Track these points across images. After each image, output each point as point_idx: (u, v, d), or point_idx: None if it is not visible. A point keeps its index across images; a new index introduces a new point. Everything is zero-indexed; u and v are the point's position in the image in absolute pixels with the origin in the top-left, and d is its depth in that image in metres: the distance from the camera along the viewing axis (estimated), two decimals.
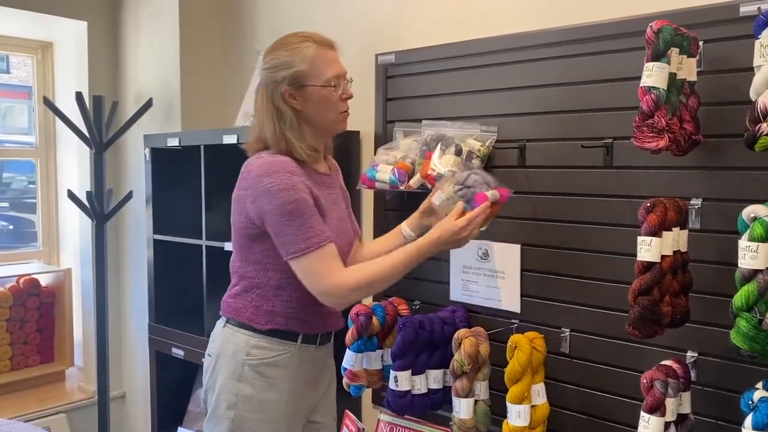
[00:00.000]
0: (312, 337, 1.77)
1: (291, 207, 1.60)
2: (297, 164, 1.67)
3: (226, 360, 1.73)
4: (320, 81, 1.68)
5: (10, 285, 3.34)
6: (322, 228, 1.64)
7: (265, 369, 1.71)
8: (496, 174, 1.95)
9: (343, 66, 1.73)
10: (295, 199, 1.60)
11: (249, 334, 1.72)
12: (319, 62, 1.68)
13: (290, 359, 1.73)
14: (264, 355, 1.71)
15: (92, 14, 3.19)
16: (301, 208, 1.61)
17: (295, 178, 1.62)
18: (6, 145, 4.07)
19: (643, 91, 1.41)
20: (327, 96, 1.69)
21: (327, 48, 1.71)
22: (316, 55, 1.68)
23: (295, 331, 1.73)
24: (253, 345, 1.71)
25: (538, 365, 1.72)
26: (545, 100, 1.85)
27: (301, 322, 1.73)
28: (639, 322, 1.42)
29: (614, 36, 1.70)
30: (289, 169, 1.63)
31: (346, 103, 1.75)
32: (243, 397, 1.70)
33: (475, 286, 2.03)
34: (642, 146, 1.42)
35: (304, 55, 1.67)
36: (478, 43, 2.00)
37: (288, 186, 1.60)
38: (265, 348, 1.71)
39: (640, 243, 1.43)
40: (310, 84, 1.67)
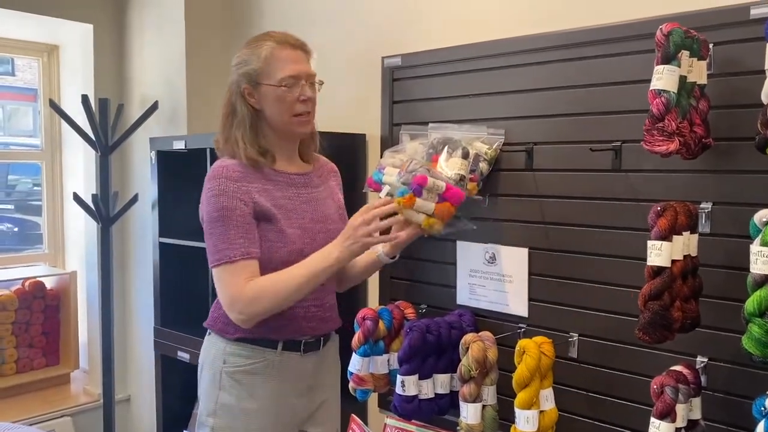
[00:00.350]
0: (293, 343, 1.72)
1: (216, 214, 1.59)
2: (246, 168, 1.66)
3: (207, 368, 1.73)
4: (273, 80, 1.65)
5: (15, 288, 3.34)
6: (243, 241, 1.59)
7: (241, 377, 1.68)
8: (503, 177, 1.95)
9: (304, 67, 1.68)
10: (223, 206, 1.59)
11: (225, 342, 1.70)
12: (274, 61, 1.65)
13: (268, 367, 1.69)
14: (240, 363, 1.69)
15: (98, 17, 3.19)
16: (226, 216, 1.59)
17: (230, 185, 1.60)
18: (11, 148, 4.07)
19: (654, 94, 1.40)
20: (281, 96, 1.65)
21: (288, 47, 1.67)
22: (272, 53, 1.65)
23: (269, 338, 1.68)
24: (229, 352, 1.69)
25: (547, 370, 1.70)
26: (553, 103, 1.84)
27: (270, 329, 1.68)
28: (649, 327, 1.41)
29: (623, 38, 1.69)
30: (227, 174, 1.62)
31: (306, 105, 1.69)
32: (222, 405, 1.69)
33: (482, 290, 2.02)
34: (652, 150, 1.40)
35: (260, 53, 1.66)
36: (485, 46, 1.99)
37: (220, 192, 1.60)
38: (240, 355, 1.69)
39: (650, 247, 1.42)
40: (265, 83, 1.65)
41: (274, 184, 1.69)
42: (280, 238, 1.65)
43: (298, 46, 1.69)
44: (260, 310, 1.60)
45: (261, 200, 1.64)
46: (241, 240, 1.60)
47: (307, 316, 1.73)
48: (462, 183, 1.84)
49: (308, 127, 1.73)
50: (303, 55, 1.70)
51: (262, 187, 1.67)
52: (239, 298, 1.59)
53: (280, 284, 1.59)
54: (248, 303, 1.59)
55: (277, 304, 1.61)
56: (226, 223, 1.59)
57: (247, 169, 1.67)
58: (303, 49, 1.71)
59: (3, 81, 4.50)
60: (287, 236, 1.66)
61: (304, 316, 1.72)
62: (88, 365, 3.45)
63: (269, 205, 1.65)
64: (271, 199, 1.67)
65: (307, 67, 1.69)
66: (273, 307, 1.62)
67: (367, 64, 2.38)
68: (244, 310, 1.60)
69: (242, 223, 1.60)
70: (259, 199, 1.64)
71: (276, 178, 1.71)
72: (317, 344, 1.78)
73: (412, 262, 2.20)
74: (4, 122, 4.80)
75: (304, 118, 1.69)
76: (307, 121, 1.71)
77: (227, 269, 1.59)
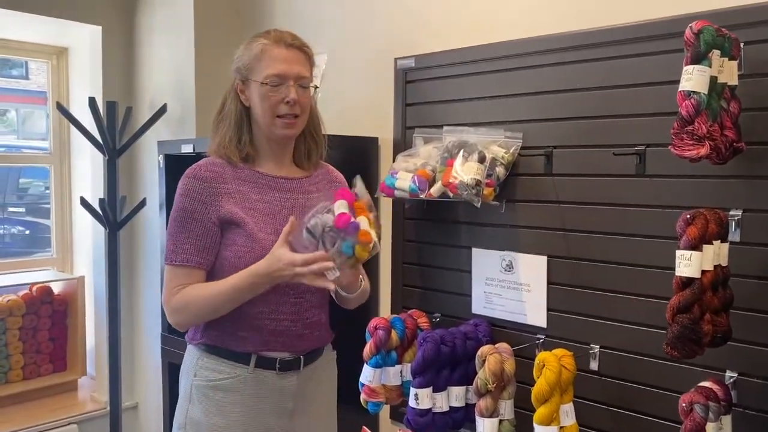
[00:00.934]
0: (267, 360, 1.62)
1: (175, 214, 1.59)
2: (224, 167, 1.61)
3: (183, 379, 1.68)
4: (259, 77, 1.60)
5: (23, 293, 3.30)
6: (189, 248, 1.57)
7: (211, 392, 1.61)
8: (521, 182, 1.89)
9: (294, 68, 1.61)
10: (182, 207, 1.58)
11: (197, 354, 1.65)
12: (264, 58, 1.60)
13: (241, 385, 1.61)
14: (210, 377, 1.62)
15: (107, 19, 3.15)
16: (183, 218, 1.57)
17: (197, 185, 1.58)
18: (24, 151, 4.06)
19: (683, 95, 1.33)
20: (264, 94, 1.60)
21: (282, 46, 1.61)
22: (263, 50, 1.61)
23: (237, 350, 1.61)
24: (200, 365, 1.63)
25: (567, 384, 1.63)
26: (573, 105, 1.77)
27: (234, 339, 1.61)
28: (678, 341, 1.33)
29: (648, 38, 1.62)
30: (197, 174, 1.59)
31: (291, 108, 1.60)
32: (191, 420, 1.63)
33: (499, 299, 1.95)
34: (681, 154, 1.33)
35: (252, 48, 1.62)
36: (502, 46, 1.93)
37: (184, 192, 1.59)
38: (211, 369, 1.62)
39: (679, 257, 1.34)
40: (252, 79, 1.61)
41: (252, 186, 1.63)
42: (248, 243, 1.58)
43: (295, 46, 1.63)
44: (183, 321, 1.62)
45: (229, 204, 1.59)
46: (188, 246, 1.57)
47: (278, 331, 1.62)
48: (478, 188, 1.77)
49: (292, 131, 1.65)
50: (299, 55, 1.63)
51: (236, 189, 1.61)
52: (166, 304, 1.60)
53: (202, 300, 1.56)
54: (172, 311, 1.59)
55: (200, 318, 1.61)
56: (180, 225, 1.58)
57: (225, 168, 1.62)
58: (301, 50, 1.64)
59: (17, 84, 4.49)
60: (258, 241, 1.58)
61: (274, 330, 1.62)
62: (96, 372, 3.41)
63: (237, 209, 1.59)
64: (245, 202, 1.61)
65: (298, 68, 1.62)
66: (196, 320, 1.62)
67: (380, 65, 2.33)
68: (170, 317, 1.61)
69: (196, 228, 1.57)
70: (227, 203, 1.59)
71: (256, 180, 1.65)
72: (296, 363, 1.66)
73: (425, 269, 2.15)
74: (19, 126, 4.80)
75: (287, 120, 1.62)
76: (290, 124, 1.63)
77: (169, 270, 1.60)
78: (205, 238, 1.58)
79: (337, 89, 2.42)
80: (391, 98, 2.25)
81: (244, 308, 1.57)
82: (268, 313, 1.61)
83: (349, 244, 1.46)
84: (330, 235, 1.47)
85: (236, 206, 1.59)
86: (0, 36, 3.25)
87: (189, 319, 1.61)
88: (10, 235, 6.03)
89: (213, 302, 1.56)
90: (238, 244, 1.58)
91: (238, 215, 1.58)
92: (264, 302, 1.59)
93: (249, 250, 1.57)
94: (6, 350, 3.20)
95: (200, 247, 1.57)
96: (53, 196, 3.54)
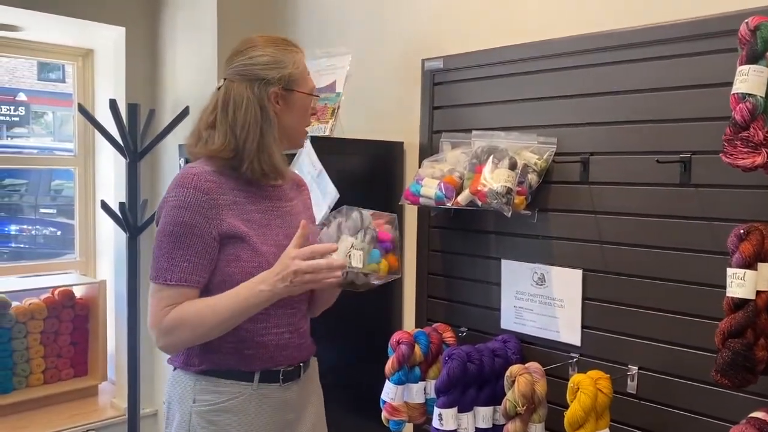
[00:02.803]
0: (270, 374, 1.54)
1: (171, 228, 1.44)
2: (219, 176, 1.49)
3: (175, 407, 1.55)
4: (307, 88, 1.59)
5: (45, 296, 3.28)
6: (187, 266, 1.44)
7: (214, 416, 1.50)
8: (555, 190, 1.78)
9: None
10: (182, 221, 1.43)
11: (193, 379, 1.52)
12: (305, 70, 1.60)
13: (245, 404, 1.51)
14: (213, 400, 1.50)
15: (131, 20, 3.13)
16: (182, 233, 1.43)
17: (199, 197, 1.44)
18: (56, 153, 4.06)
19: (737, 98, 1.22)
20: (307, 106, 1.60)
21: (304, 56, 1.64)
22: (301, 61, 1.59)
23: (241, 369, 1.51)
24: (198, 389, 1.51)
25: (603, 409, 1.52)
26: (612, 109, 1.66)
27: (239, 360, 1.51)
28: (729, 368, 1.22)
29: (696, 36, 1.51)
30: (198, 184, 1.45)
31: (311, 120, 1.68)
32: None
33: (530, 315, 1.84)
34: (734, 163, 1.22)
35: (295, 58, 1.57)
36: (535, 46, 1.83)
37: (185, 205, 1.44)
38: (212, 392, 1.51)
39: (730, 276, 1.23)
40: (298, 90, 1.56)
41: (246, 196, 1.53)
42: (253, 258, 1.49)
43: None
44: (176, 342, 1.47)
45: (230, 217, 1.48)
46: (186, 264, 1.44)
47: (281, 344, 1.55)
48: (508, 196, 1.67)
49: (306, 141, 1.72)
50: None
51: (233, 200, 1.50)
52: (155, 327, 1.45)
53: (198, 319, 1.43)
54: (164, 333, 1.45)
55: (196, 339, 1.47)
56: (177, 241, 1.44)
57: (221, 177, 1.50)
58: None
59: (54, 87, 4.50)
60: (262, 255, 1.49)
61: (278, 345, 1.54)
62: (116, 378, 3.37)
63: (239, 222, 1.49)
64: (243, 214, 1.51)
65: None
66: (191, 341, 1.47)
67: (406, 67, 2.25)
68: (160, 340, 1.47)
69: (196, 244, 1.44)
70: (228, 216, 1.48)
71: (249, 189, 1.55)
72: (297, 372, 1.60)
73: (451, 280, 2.06)
74: (55, 128, 4.82)
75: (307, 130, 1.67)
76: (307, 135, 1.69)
77: (159, 290, 1.45)
78: (204, 255, 1.46)
79: (362, 91, 2.34)
80: (418, 101, 2.17)
81: (246, 326, 1.49)
82: (270, 328, 1.53)
83: (378, 254, 1.48)
84: (371, 233, 1.47)
85: (237, 219, 1.50)
86: (28, 38, 3.26)
87: (183, 339, 1.47)
88: (43, 236, 6.12)
89: (212, 324, 1.44)
90: (243, 259, 1.48)
91: (241, 229, 1.49)
92: (265, 317, 1.51)
93: (256, 265, 1.47)
94: (27, 354, 3.17)
95: (199, 265, 1.46)
96: (77, 199, 3.53)
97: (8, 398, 3.08)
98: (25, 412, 3.08)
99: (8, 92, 7.43)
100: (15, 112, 7.67)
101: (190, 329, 1.44)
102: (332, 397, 1.77)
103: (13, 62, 7.00)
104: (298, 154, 2.00)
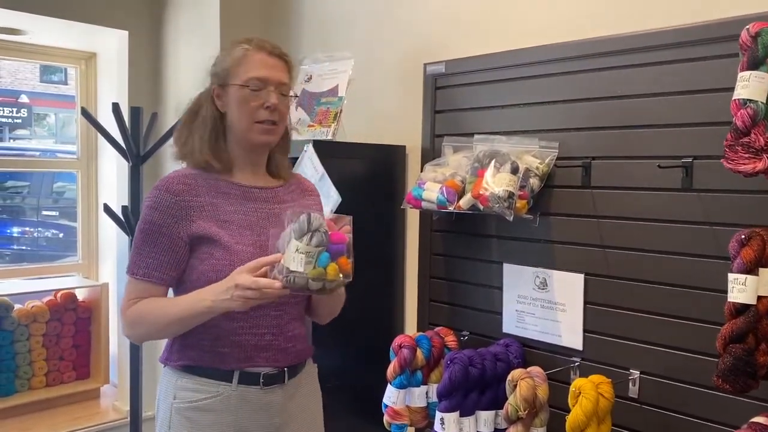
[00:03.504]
0: (250, 376, 1.54)
1: (142, 226, 1.53)
2: (197, 178, 1.54)
3: (161, 405, 1.59)
4: (240, 80, 1.53)
5: (47, 299, 3.28)
6: (152, 262, 1.50)
7: (192, 414, 1.52)
8: (557, 194, 1.79)
9: (276, 74, 1.56)
10: (150, 220, 1.51)
11: (175, 375, 1.56)
12: (246, 62, 1.54)
13: (224, 404, 1.52)
14: (191, 398, 1.52)
15: (134, 24, 3.13)
16: (150, 231, 1.51)
17: (167, 198, 1.51)
18: (59, 155, 4.07)
19: (738, 104, 1.22)
20: (244, 97, 1.53)
21: (264, 52, 1.56)
22: (245, 55, 1.55)
23: (220, 368, 1.52)
24: (179, 386, 1.54)
25: (605, 414, 1.52)
26: (614, 113, 1.67)
27: (216, 356, 1.53)
28: (730, 373, 1.22)
29: (697, 41, 1.51)
30: (168, 186, 1.52)
31: (271, 114, 1.54)
32: None
33: (531, 319, 1.84)
34: (735, 168, 1.22)
35: (234, 54, 1.57)
36: (537, 51, 1.83)
37: (154, 205, 1.52)
38: (191, 390, 1.53)
39: (731, 282, 1.23)
40: (231, 83, 1.54)
41: (226, 197, 1.56)
42: (226, 256, 1.50)
43: (276, 54, 1.58)
44: (138, 334, 1.59)
45: (201, 219, 1.52)
46: (151, 260, 1.51)
47: (261, 345, 1.55)
48: (510, 201, 1.68)
49: (271, 138, 1.58)
50: (280, 63, 1.58)
51: (210, 201, 1.53)
52: (122, 315, 1.56)
53: (153, 318, 1.51)
54: (127, 324, 1.55)
55: (154, 334, 1.58)
56: (146, 237, 1.52)
57: (197, 179, 1.54)
58: (282, 59, 1.60)
59: (56, 90, 4.50)
60: (235, 253, 1.50)
61: (257, 346, 1.55)
62: (118, 380, 3.38)
63: (210, 224, 1.52)
64: (218, 215, 1.54)
65: (280, 74, 1.57)
66: (151, 335, 1.59)
67: (408, 71, 2.25)
68: (125, 330, 1.57)
69: (162, 243, 1.51)
70: (199, 218, 1.51)
71: (230, 191, 1.57)
72: (280, 377, 1.58)
73: (453, 284, 2.06)
74: (57, 130, 4.82)
75: (266, 126, 1.55)
76: (269, 131, 1.56)
77: (129, 282, 1.55)
78: (169, 253, 1.51)
79: (364, 95, 2.35)
80: (420, 105, 2.17)
81: (221, 324, 1.51)
82: (248, 328, 1.54)
83: (327, 257, 1.39)
84: (320, 237, 1.38)
85: (209, 221, 1.52)
86: (32, 41, 3.27)
87: (142, 334, 1.58)
88: (45, 239, 6.12)
89: (162, 325, 1.50)
90: (215, 257, 1.51)
91: (212, 230, 1.51)
92: (243, 316, 1.52)
93: (228, 263, 1.49)
94: (29, 357, 3.18)
95: (164, 263, 1.51)
96: (80, 202, 3.53)
97: (10, 401, 3.08)
98: (28, 415, 3.08)
99: (11, 94, 7.45)
100: (17, 114, 7.69)
101: (146, 326, 1.53)
102: (334, 401, 1.77)
103: (15, 64, 7.02)
104: (300, 157, 2.01)
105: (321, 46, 2.57)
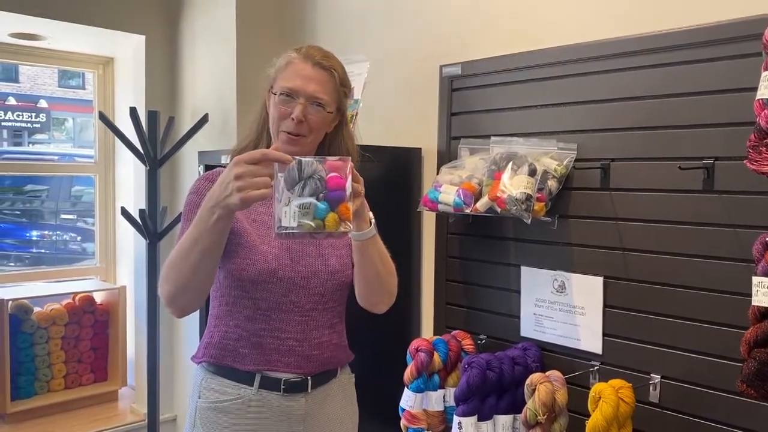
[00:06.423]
0: (271, 381, 1.53)
1: (185, 209, 1.57)
2: None
3: (189, 403, 1.62)
4: (276, 88, 1.54)
5: (66, 302, 3.30)
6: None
7: (213, 414, 1.54)
8: (575, 197, 1.77)
9: (311, 86, 1.51)
10: (190, 202, 1.56)
11: (202, 374, 1.59)
12: (286, 71, 1.54)
13: (244, 407, 1.52)
14: (214, 398, 1.54)
15: (151, 28, 3.15)
16: (190, 211, 1.53)
17: (206, 185, 1.54)
18: (77, 159, 4.11)
19: (761, 104, 1.20)
20: (275, 105, 1.53)
21: (308, 63, 1.53)
22: (288, 62, 1.55)
23: (239, 369, 1.53)
24: (205, 386, 1.57)
25: (625, 419, 1.50)
26: (633, 114, 1.65)
27: (235, 356, 1.53)
28: (755, 379, 1.20)
29: (718, 41, 1.49)
30: (209, 176, 1.59)
31: (296, 127, 1.50)
32: None
33: (550, 322, 1.82)
34: (759, 170, 1.20)
35: (281, 60, 1.59)
36: (555, 51, 1.81)
37: (194, 190, 1.58)
38: (215, 390, 1.55)
39: (756, 285, 1.21)
40: (272, 89, 1.57)
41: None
42: (248, 255, 1.51)
43: (322, 66, 1.54)
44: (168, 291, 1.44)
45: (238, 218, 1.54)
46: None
47: (281, 350, 1.54)
48: (528, 203, 1.66)
49: (294, 148, 1.50)
50: (323, 76, 1.53)
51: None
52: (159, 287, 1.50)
53: (174, 255, 1.41)
54: (160, 284, 1.46)
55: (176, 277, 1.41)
56: (188, 217, 1.53)
57: None
58: (328, 71, 1.55)
59: (74, 94, 4.53)
60: (258, 253, 1.51)
61: (277, 349, 1.54)
62: (136, 383, 3.39)
63: (242, 217, 1.55)
64: (250, 213, 1.56)
65: (315, 87, 1.52)
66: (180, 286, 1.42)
67: (424, 72, 2.24)
68: (161, 290, 1.46)
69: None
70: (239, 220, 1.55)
71: None
72: (304, 384, 1.56)
73: (470, 287, 2.04)
74: (75, 134, 4.86)
75: (291, 137, 1.52)
76: (293, 141, 1.52)
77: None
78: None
79: (379, 98, 2.34)
80: (436, 107, 2.16)
81: (243, 324, 1.53)
82: (269, 331, 1.54)
83: (325, 207, 1.24)
84: (314, 184, 1.24)
85: (241, 215, 1.55)
86: (50, 47, 3.30)
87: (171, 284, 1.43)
88: (63, 242, 6.19)
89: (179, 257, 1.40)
90: (240, 256, 1.51)
91: (242, 225, 1.53)
92: (265, 319, 1.53)
93: (250, 263, 1.51)
94: (48, 359, 3.20)
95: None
96: (97, 205, 3.56)
97: (30, 403, 3.11)
98: (46, 417, 3.10)
99: (30, 99, 7.54)
100: (36, 119, 7.79)
101: (173, 269, 1.41)
102: None
103: (34, 69, 7.09)
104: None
105: (337, 50, 2.56)
